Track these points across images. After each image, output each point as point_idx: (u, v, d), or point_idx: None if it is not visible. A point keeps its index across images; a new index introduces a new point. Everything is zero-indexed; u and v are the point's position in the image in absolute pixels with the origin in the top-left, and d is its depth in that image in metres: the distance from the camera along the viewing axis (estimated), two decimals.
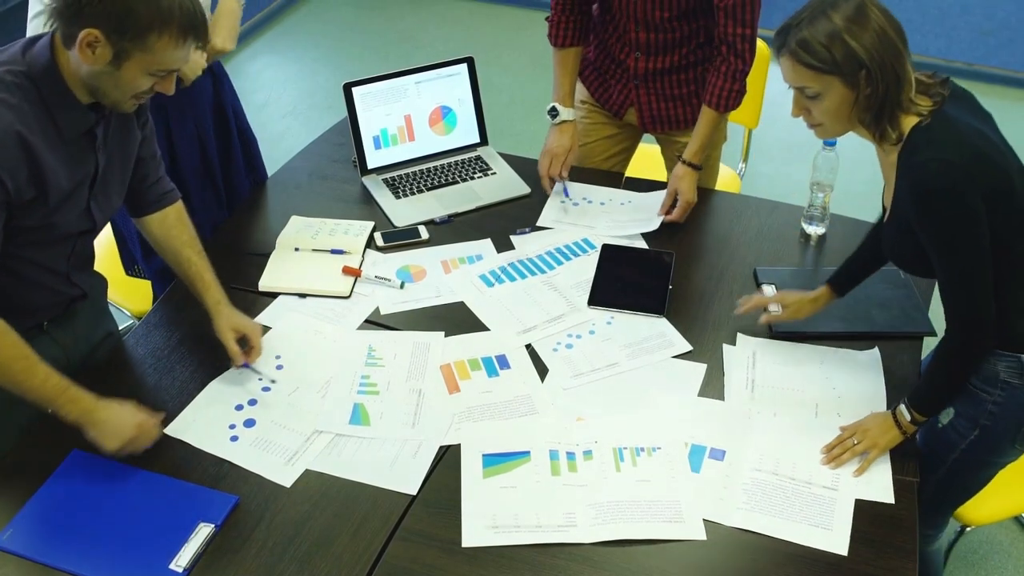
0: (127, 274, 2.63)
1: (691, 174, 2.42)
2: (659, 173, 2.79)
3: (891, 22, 1.62)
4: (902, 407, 1.79)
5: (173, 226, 2.04)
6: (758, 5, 2.28)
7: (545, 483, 1.79)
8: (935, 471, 1.86)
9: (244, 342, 2.01)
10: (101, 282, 2.11)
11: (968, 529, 2.19)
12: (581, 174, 2.64)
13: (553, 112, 2.50)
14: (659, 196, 2.49)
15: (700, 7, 2.34)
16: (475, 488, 1.79)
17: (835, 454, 1.81)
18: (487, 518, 1.74)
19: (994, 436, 1.80)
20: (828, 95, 1.64)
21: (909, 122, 1.65)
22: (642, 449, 1.84)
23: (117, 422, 1.76)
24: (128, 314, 2.71)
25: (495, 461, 1.84)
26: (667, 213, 2.41)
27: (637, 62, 2.48)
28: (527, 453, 1.85)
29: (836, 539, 1.69)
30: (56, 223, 1.77)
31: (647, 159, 2.97)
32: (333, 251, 2.33)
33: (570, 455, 1.84)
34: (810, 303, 2.04)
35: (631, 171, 2.76)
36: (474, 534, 1.71)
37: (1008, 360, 1.74)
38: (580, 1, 2.45)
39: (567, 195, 2.46)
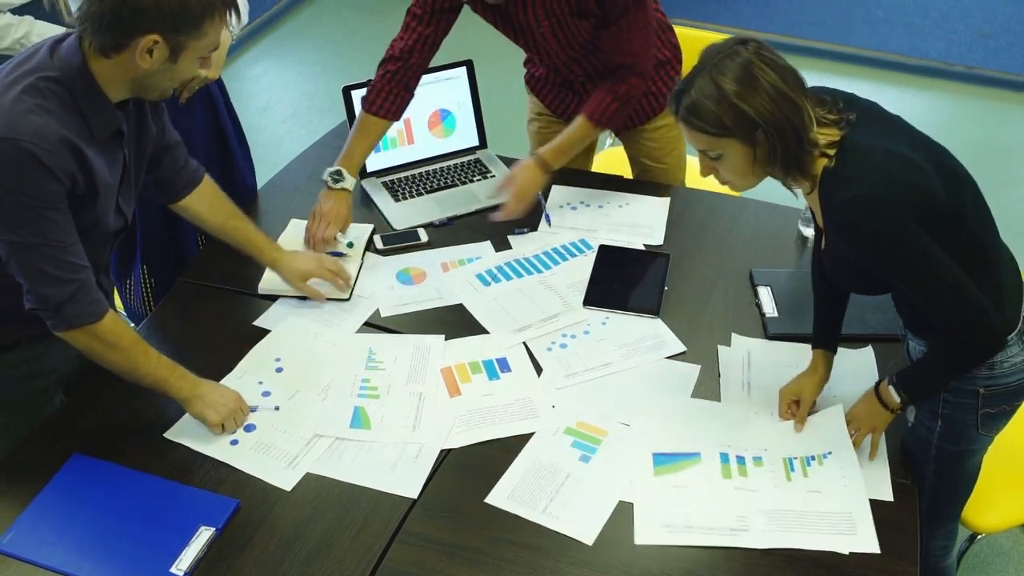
0: None
1: (534, 169, 2.36)
2: (624, 169, 2.79)
3: (783, 74, 1.58)
4: (889, 387, 1.77)
5: (212, 203, 2.11)
6: (638, 32, 2.24)
7: (716, 485, 1.79)
8: (924, 475, 1.86)
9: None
10: (112, 284, 2.12)
11: (979, 537, 2.18)
12: (577, 177, 2.64)
13: (337, 176, 2.35)
14: (659, 202, 2.50)
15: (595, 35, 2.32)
16: (646, 486, 1.80)
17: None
18: (660, 516, 1.74)
19: (956, 425, 1.80)
20: (728, 155, 1.63)
21: (820, 164, 1.63)
22: (812, 458, 1.82)
23: (218, 397, 1.89)
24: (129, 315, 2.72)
25: (666, 460, 1.85)
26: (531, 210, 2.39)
27: (584, 85, 2.51)
28: (697, 455, 1.85)
29: (864, 540, 1.69)
30: (100, 222, 1.80)
31: (611, 156, 2.97)
32: (332, 253, 2.33)
33: (740, 459, 1.84)
34: (817, 380, 1.93)
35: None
36: (648, 533, 1.72)
37: None
38: (408, 76, 2.36)
39: (548, 221, 2.46)
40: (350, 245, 2.28)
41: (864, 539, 1.70)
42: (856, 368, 2.01)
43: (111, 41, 1.63)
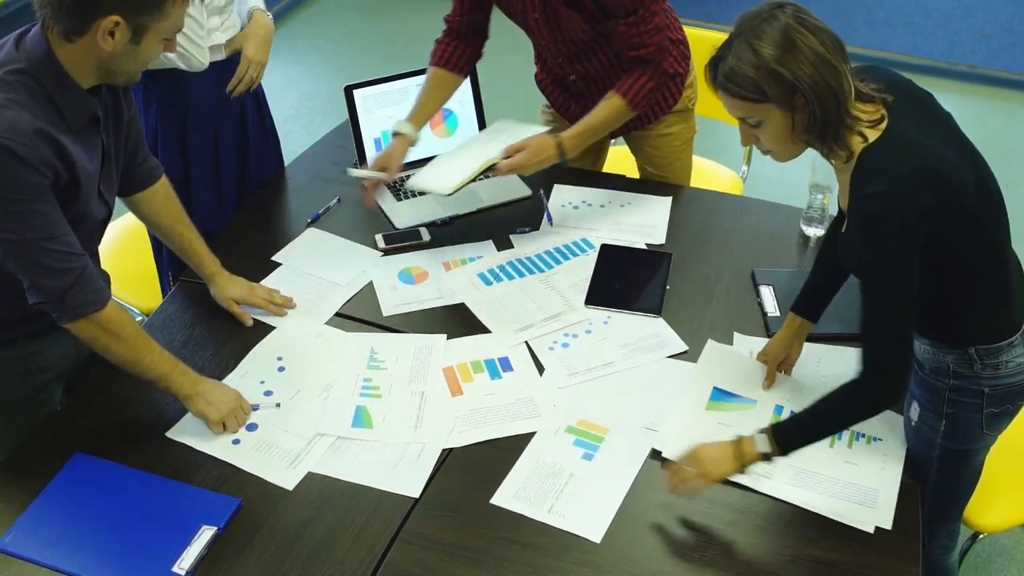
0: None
1: (550, 148, 2.29)
2: (628, 167, 2.78)
3: (823, 40, 1.56)
4: (759, 436, 1.69)
5: (163, 204, 2.09)
6: (646, 30, 2.22)
7: None
8: (926, 474, 1.86)
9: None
10: (106, 278, 2.12)
11: (981, 536, 2.18)
12: (579, 176, 2.64)
13: (395, 128, 2.42)
14: (661, 201, 2.49)
15: (601, 35, 2.31)
16: (692, 413, 1.88)
17: (671, 482, 1.73)
18: (688, 439, 1.75)
19: (961, 425, 1.80)
20: (769, 122, 1.61)
21: (857, 142, 1.62)
22: (862, 435, 1.85)
23: (219, 395, 1.89)
24: (136, 311, 2.71)
25: (723, 397, 1.92)
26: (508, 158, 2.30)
27: (577, 84, 2.50)
28: (754, 401, 1.89)
29: (880, 515, 1.72)
30: (86, 212, 1.80)
31: (615, 155, 2.96)
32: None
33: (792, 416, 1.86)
34: (788, 343, 1.99)
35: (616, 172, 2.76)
36: (669, 445, 1.80)
37: (957, 353, 1.75)
38: (465, 28, 2.42)
39: (550, 221, 2.46)
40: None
41: (880, 513, 1.72)
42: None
43: (72, 24, 1.61)
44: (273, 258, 2.35)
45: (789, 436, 1.69)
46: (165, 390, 1.86)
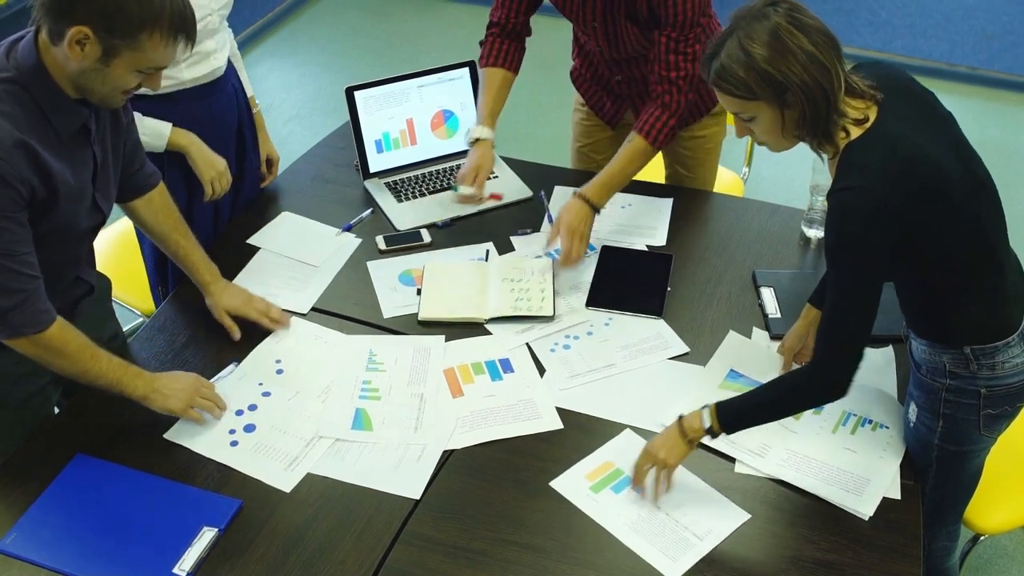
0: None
1: (583, 209, 2.23)
2: (658, 172, 2.79)
3: (814, 37, 1.57)
4: (704, 411, 1.73)
5: (160, 210, 2.08)
6: (686, 53, 2.20)
7: None
8: (926, 476, 1.86)
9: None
10: (105, 282, 2.12)
11: (982, 538, 2.18)
12: (580, 177, 2.64)
13: (472, 138, 2.42)
14: (662, 203, 2.49)
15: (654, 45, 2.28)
16: (705, 386, 1.95)
17: (637, 484, 1.77)
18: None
19: (958, 426, 1.80)
20: (760, 118, 1.64)
21: (842, 137, 1.63)
22: (869, 421, 1.87)
23: (176, 385, 1.88)
24: (137, 312, 2.71)
25: (738, 379, 1.98)
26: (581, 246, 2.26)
27: (620, 85, 2.50)
28: None
29: (863, 502, 1.74)
30: (72, 222, 1.79)
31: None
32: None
33: None
34: (804, 333, 2.01)
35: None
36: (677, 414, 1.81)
37: (952, 353, 1.75)
38: (511, 30, 2.41)
39: (551, 221, 2.45)
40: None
41: (864, 501, 1.74)
42: (869, 368, 2.01)
43: (52, 26, 1.60)
44: (249, 241, 2.38)
45: (732, 416, 1.72)
46: (121, 395, 1.84)
